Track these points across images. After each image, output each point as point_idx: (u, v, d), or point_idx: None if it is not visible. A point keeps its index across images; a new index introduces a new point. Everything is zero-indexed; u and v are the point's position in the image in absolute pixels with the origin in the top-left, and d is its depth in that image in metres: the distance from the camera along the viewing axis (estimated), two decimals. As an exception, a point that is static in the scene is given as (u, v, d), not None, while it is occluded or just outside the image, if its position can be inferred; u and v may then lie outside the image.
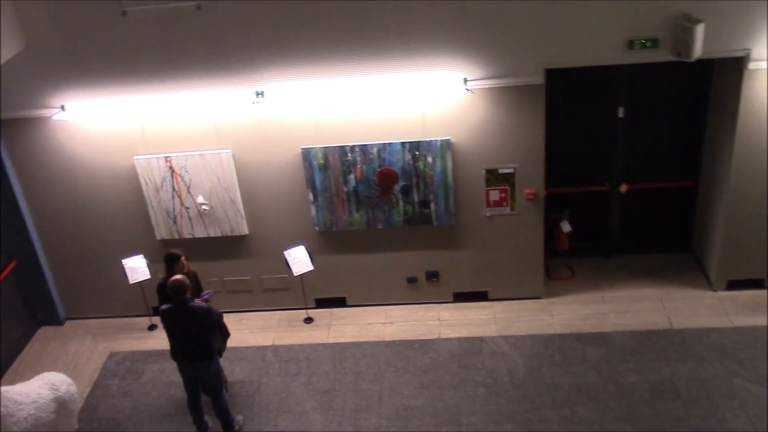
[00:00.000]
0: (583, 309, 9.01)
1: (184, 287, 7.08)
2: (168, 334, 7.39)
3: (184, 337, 7.29)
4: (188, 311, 7.16)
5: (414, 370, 8.33)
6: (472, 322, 8.97)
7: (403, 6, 7.66)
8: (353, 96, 8.15)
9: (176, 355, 7.46)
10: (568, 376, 8.04)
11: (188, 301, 7.14)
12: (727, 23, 7.61)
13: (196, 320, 7.20)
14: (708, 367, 7.98)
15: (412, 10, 7.69)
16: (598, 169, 9.42)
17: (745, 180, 8.39)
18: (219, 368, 7.66)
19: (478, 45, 7.87)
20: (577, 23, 7.70)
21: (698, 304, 8.93)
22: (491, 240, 8.93)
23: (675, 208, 9.71)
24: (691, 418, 7.39)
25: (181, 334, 7.28)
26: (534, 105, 8.17)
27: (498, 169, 8.53)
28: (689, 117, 9.12)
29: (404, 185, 8.57)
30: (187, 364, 7.43)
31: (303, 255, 8.82)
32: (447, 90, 8.09)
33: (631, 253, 9.88)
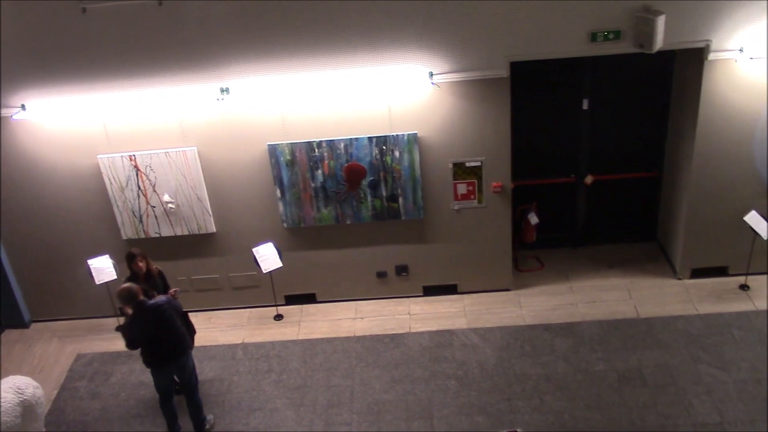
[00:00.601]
0: (551, 300, 9.09)
1: (133, 292, 7.00)
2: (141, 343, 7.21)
3: (157, 337, 7.19)
4: (151, 311, 7.08)
5: (385, 365, 8.34)
6: (442, 316, 9.01)
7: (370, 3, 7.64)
8: (319, 91, 8.13)
9: (153, 359, 7.29)
10: (537, 366, 8.11)
11: (146, 302, 7.06)
12: (688, 15, 7.71)
13: (161, 316, 7.12)
14: (674, 354, 8.10)
15: (377, 4, 7.68)
16: (564, 160, 9.51)
17: (707, 169, 8.53)
18: (194, 363, 7.60)
19: (443, 39, 7.88)
20: (540, 16, 7.75)
21: (664, 292, 9.06)
22: (460, 233, 8.97)
23: (640, 198, 9.83)
24: (658, 405, 7.51)
25: (153, 336, 7.17)
26: (500, 98, 8.21)
27: (465, 162, 8.56)
28: (652, 108, 9.24)
29: (372, 180, 8.56)
30: (165, 364, 7.31)
31: (272, 252, 8.78)
32: (413, 84, 8.09)
33: (598, 244, 10.00)
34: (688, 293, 9.00)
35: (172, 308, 7.25)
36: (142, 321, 7.08)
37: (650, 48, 7.65)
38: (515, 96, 8.44)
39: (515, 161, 8.73)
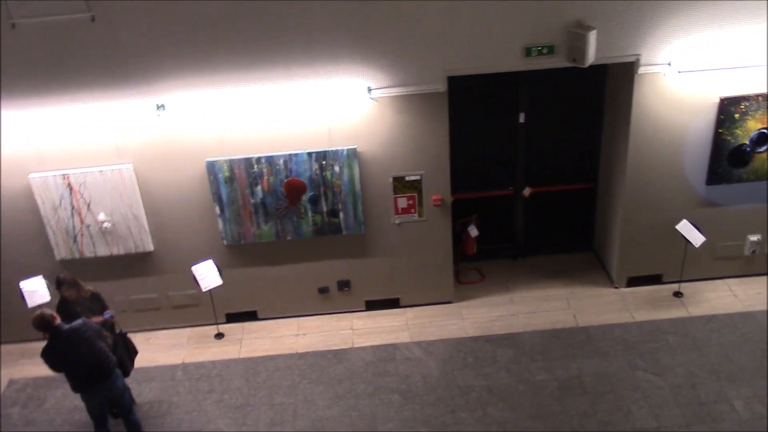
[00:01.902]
0: (492, 311, 9.18)
1: (46, 319, 6.83)
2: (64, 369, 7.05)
3: (78, 361, 6.99)
4: (67, 335, 6.90)
5: (328, 381, 8.29)
6: (385, 330, 9.01)
7: (307, 14, 7.64)
8: (258, 106, 8.08)
9: (79, 384, 7.11)
10: (480, 377, 8.17)
11: (61, 327, 6.89)
12: (618, 30, 7.92)
13: (79, 338, 6.94)
14: (612, 361, 8.26)
15: (316, 19, 7.68)
16: (503, 173, 9.65)
17: (639, 180, 8.75)
18: (124, 382, 7.42)
19: (381, 54, 7.93)
20: (476, 31, 7.86)
21: (601, 301, 9.24)
22: (401, 247, 9.00)
23: (576, 209, 10.03)
24: (598, 412, 7.63)
25: (74, 360, 6.97)
26: (438, 112, 8.29)
27: (405, 176, 8.61)
28: (587, 121, 9.45)
29: (312, 195, 8.53)
30: (93, 387, 7.13)
31: (211, 269, 8.65)
32: (352, 99, 8.11)
33: (537, 255, 10.15)
34: (625, 301, 9.19)
35: (90, 330, 7.06)
36: (60, 346, 6.90)
37: (583, 62, 7.83)
38: (453, 110, 8.54)
39: (455, 175, 8.81)
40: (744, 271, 9.43)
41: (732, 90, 8.31)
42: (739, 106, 8.37)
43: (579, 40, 7.75)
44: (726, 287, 9.30)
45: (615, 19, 7.86)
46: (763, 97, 8.33)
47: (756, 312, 8.84)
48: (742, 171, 8.74)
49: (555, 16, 7.81)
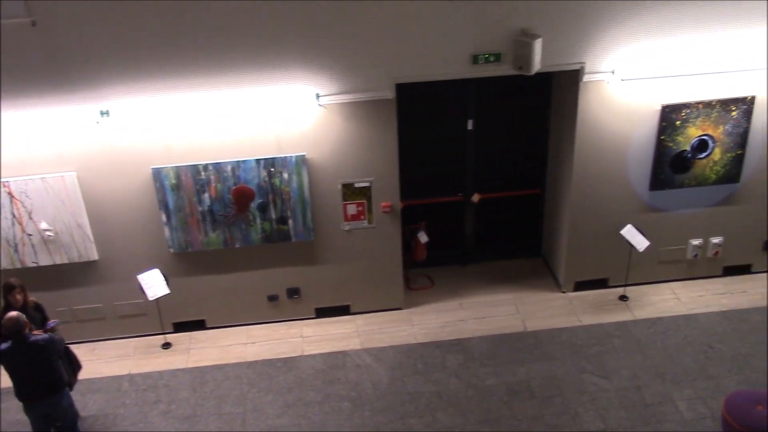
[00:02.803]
0: (442, 317, 9.22)
1: (20, 324, 6.70)
2: (11, 374, 6.93)
3: (31, 374, 6.87)
4: (30, 347, 6.76)
5: (278, 389, 8.22)
6: (335, 337, 8.97)
7: (254, 20, 7.59)
8: (205, 113, 7.99)
9: (23, 395, 6.99)
10: (429, 383, 8.19)
11: (28, 336, 6.76)
12: (563, 38, 8.05)
13: (40, 354, 6.82)
14: (560, 365, 8.36)
15: (263, 26, 7.64)
16: (451, 180, 9.71)
17: (585, 186, 8.89)
18: (71, 401, 7.26)
19: (330, 61, 7.92)
20: (424, 39, 7.90)
21: (549, 305, 9.35)
22: (351, 254, 8.98)
23: (524, 215, 10.14)
24: (546, 416, 7.72)
25: (27, 372, 6.86)
26: (386, 119, 8.31)
27: (354, 183, 8.60)
28: (534, 127, 9.57)
29: (261, 202, 8.47)
30: (36, 401, 7.00)
31: (158, 278, 8.52)
32: (300, 106, 8.08)
33: (486, 261, 10.23)
34: (572, 305, 9.32)
35: (52, 347, 6.96)
36: (20, 355, 6.76)
37: (529, 70, 7.93)
38: (402, 117, 8.57)
39: (404, 181, 8.83)
40: (686, 275, 9.65)
41: (673, 98, 8.51)
42: (680, 114, 8.57)
43: (525, 49, 7.85)
44: (669, 290, 9.51)
45: (560, 27, 7.98)
46: (703, 105, 8.54)
47: (698, 314, 9.05)
48: (684, 177, 8.94)
49: (501, 24, 7.90)
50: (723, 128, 8.71)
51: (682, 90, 8.48)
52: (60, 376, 7.05)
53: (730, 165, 8.94)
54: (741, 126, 8.73)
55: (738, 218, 9.34)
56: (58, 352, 7.07)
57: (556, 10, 7.88)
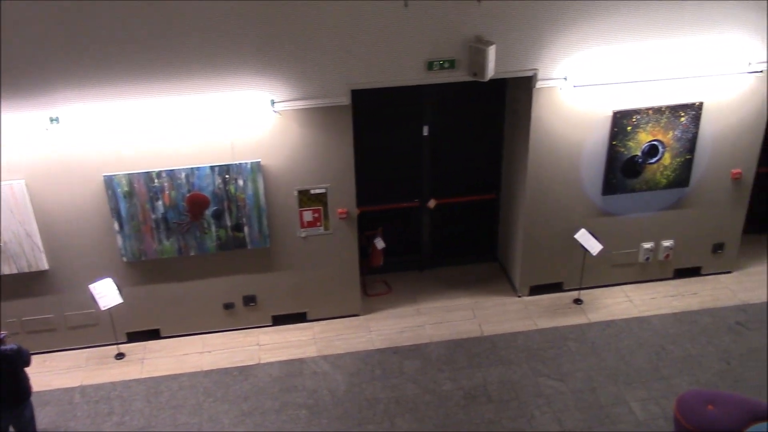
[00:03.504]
0: (399, 323, 9.23)
1: None
2: None
3: None
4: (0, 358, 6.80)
5: (234, 399, 8.13)
6: (292, 344, 8.92)
7: (207, 25, 7.53)
8: (157, 119, 7.89)
9: None
10: (387, 389, 8.18)
11: None
12: (516, 45, 8.14)
13: (9, 364, 6.85)
14: (516, 369, 8.43)
15: (217, 31, 7.57)
16: (408, 185, 9.74)
17: (539, 191, 8.99)
18: (33, 412, 7.25)
19: (284, 67, 7.88)
20: (378, 45, 7.92)
21: (505, 310, 9.43)
22: (307, 260, 8.94)
23: (480, 220, 10.21)
24: (503, 419, 7.77)
25: None
26: (342, 125, 8.30)
27: (310, 189, 8.57)
28: (488, 133, 9.65)
29: (216, 210, 8.39)
30: (3, 411, 6.97)
31: (110, 288, 8.37)
32: (255, 112, 8.03)
33: (443, 266, 10.27)
34: (528, 310, 9.41)
35: (20, 358, 6.98)
36: None
37: (483, 76, 8.00)
38: (358, 123, 8.57)
39: (360, 187, 8.83)
40: (639, 278, 9.82)
41: (624, 104, 8.66)
42: (631, 119, 8.72)
43: (479, 55, 7.91)
44: (623, 293, 9.66)
45: (513, 34, 8.07)
46: (653, 111, 8.71)
47: (650, 316, 9.20)
48: (635, 181, 9.10)
49: (456, 31, 7.96)
50: (672, 133, 8.89)
51: (633, 96, 8.64)
52: (26, 386, 7.08)
53: (680, 169, 9.13)
54: (690, 131, 8.92)
55: (688, 222, 9.54)
56: (24, 363, 7.06)
57: (510, 17, 7.97)
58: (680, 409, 7.25)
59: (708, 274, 9.96)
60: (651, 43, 8.39)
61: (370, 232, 9.55)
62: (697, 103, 8.80)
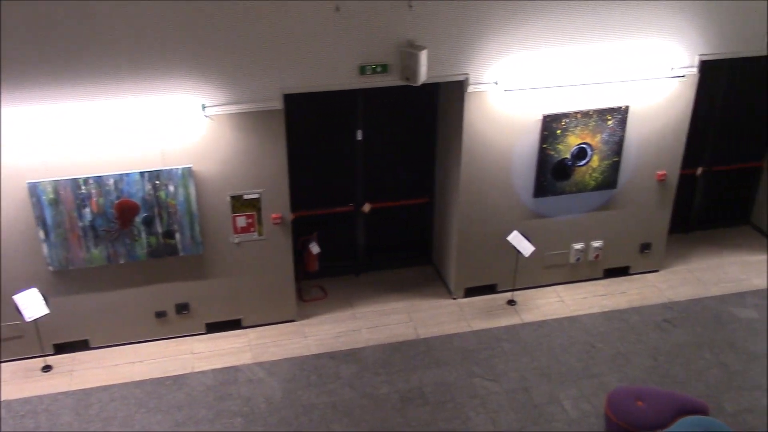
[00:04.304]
0: (335, 327, 9.21)
1: None
2: None
3: None
4: None
5: (167, 409, 7.98)
6: (227, 352, 8.80)
7: (136, 29, 7.37)
8: (84, 124, 7.69)
9: None
10: (323, 395, 8.15)
11: None
12: (448, 50, 8.22)
13: None
14: (451, 371, 8.50)
15: (146, 34, 7.42)
16: (342, 190, 9.73)
17: (472, 194, 9.09)
18: None
19: (215, 71, 7.78)
20: (310, 50, 7.89)
21: (441, 312, 9.50)
22: (241, 266, 8.84)
23: (415, 223, 10.27)
24: (438, 421, 7.82)
25: None
26: (275, 130, 8.24)
27: (243, 195, 8.48)
28: (422, 137, 9.72)
29: (146, 216, 8.22)
30: None
31: (36, 298, 8.11)
32: (186, 116, 7.91)
33: (379, 270, 10.29)
34: (463, 312, 9.50)
35: None
36: None
37: (415, 81, 8.05)
38: (292, 127, 8.53)
39: (294, 192, 8.78)
40: (570, 278, 10.02)
41: (554, 108, 8.84)
42: (560, 123, 8.90)
43: (411, 60, 7.96)
44: (555, 293, 9.84)
45: (444, 39, 8.15)
46: (581, 115, 8.91)
47: (581, 316, 9.40)
48: (565, 184, 9.29)
49: (388, 35, 7.99)
50: (600, 137, 9.11)
51: (562, 100, 8.83)
52: None
53: (608, 172, 9.35)
54: (617, 134, 9.15)
55: (616, 222, 9.79)
56: None
57: (441, 22, 8.04)
58: (610, 406, 7.43)
59: (636, 274, 10.24)
60: (579, 47, 8.58)
61: (305, 237, 9.51)
62: (624, 107, 9.04)
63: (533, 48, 8.46)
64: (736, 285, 10.02)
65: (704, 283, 10.07)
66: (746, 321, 9.33)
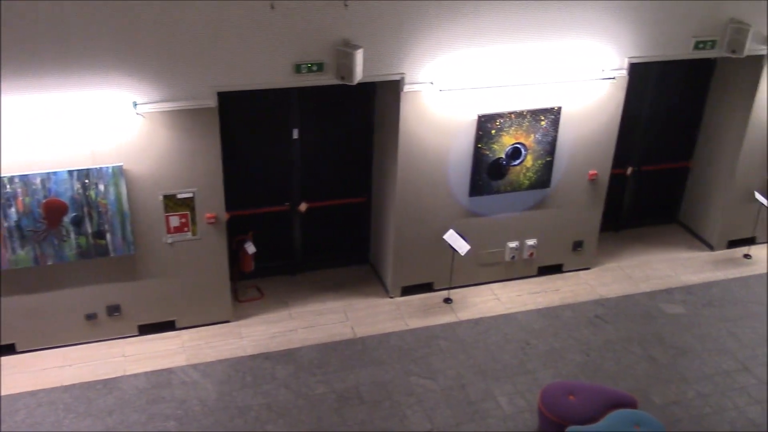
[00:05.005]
0: (271, 328, 9.13)
1: None
2: None
3: None
4: None
5: (97, 413, 7.79)
6: (160, 354, 8.63)
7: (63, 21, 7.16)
8: (8, 120, 7.43)
9: None
10: (259, 396, 8.07)
11: None
12: (383, 49, 8.23)
13: None
14: (388, 369, 8.52)
15: (72, 30, 7.22)
16: (278, 189, 9.65)
17: (409, 193, 9.13)
18: None
19: (147, 67, 7.63)
20: (244, 47, 7.80)
21: (378, 311, 9.51)
22: (175, 267, 8.68)
23: (352, 223, 10.26)
24: (375, 420, 7.83)
25: None
26: (209, 128, 8.12)
27: (176, 194, 8.33)
28: (359, 136, 9.71)
29: (75, 216, 8.00)
30: None
31: (-42, 301, 7.84)
32: (117, 114, 7.73)
33: (316, 269, 10.25)
34: (400, 310, 9.53)
35: None
36: None
37: (351, 80, 8.04)
38: (226, 126, 8.43)
39: (230, 191, 8.67)
40: (505, 276, 10.16)
41: (488, 108, 8.94)
42: (495, 123, 9.01)
43: (346, 59, 7.95)
44: (490, 291, 9.96)
45: (380, 38, 8.16)
46: (515, 115, 9.03)
47: (516, 313, 9.54)
48: (500, 183, 9.41)
49: (324, 34, 7.96)
50: (534, 137, 9.25)
51: (497, 100, 8.93)
52: None
53: (541, 171, 9.51)
54: (550, 135, 9.32)
55: (550, 221, 9.96)
56: None
57: (376, 21, 8.05)
58: (543, 401, 7.55)
59: (569, 271, 10.44)
60: (513, 48, 8.70)
61: (241, 236, 9.40)
62: (556, 108, 9.20)
63: (468, 48, 8.54)
64: (664, 281, 10.32)
65: (634, 279, 10.33)
66: (674, 316, 9.61)
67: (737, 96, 10.32)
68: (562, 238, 10.18)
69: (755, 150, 10.41)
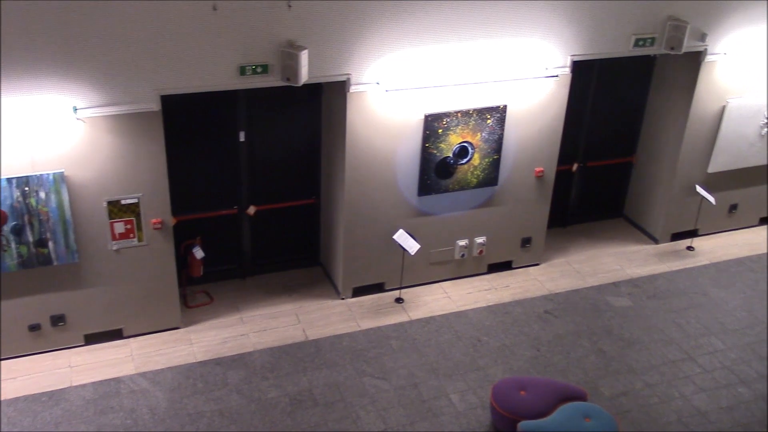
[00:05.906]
0: (222, 333, 9.02)
1: None
2: None
3: None
4: None
5: (43, 426, 7.60)
6: (107, 363, 8.46)
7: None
8: (-58, 129, 7.24)
9: None
10: (210, 402, 7.97)
11: None
12: (328, 50, 8.20)
13: None
14: (341, 371, 8.50)
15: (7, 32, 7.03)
16: (226, 193, 9.55)
17: (358, 193, 9.12)
18: None
19: (87, 71, 7.46)
20: (189, 49, 7.70)
21: (330, 313, 9.48)
22: (121, 274, 8.52)
23: (302, 225, 10.20)
24: (329, 421, 7.80)
25: None
26: (153, 132, 7.99)
27: (121, 200, 8.18)
28: (306, 138, 9.65)
29: (15, 225, 7.80)
30: None
31: None
32: (57, 118, 7.55)
33: (266, 273, 10.17)
34: (351, 311, 9.52)
35: None
36: None
37: (296, 81, 7.99)
38: (171, 130, 8.30)
39: (176, 196, 8.56)
40: (456, 274, 10.22)
41: (435, 107, 8.98)
42: (441, 122, 9.06)
43: (291, 60, 7.90)
44: (441, 290, 10.01)
45: (325, 39, 8.13)
46: (461, 114, 9.09)
47: (467, 310, 9.61)
48: (448, 181, 9.46)
49: (268, 35, 7.90)
50: (480, 135, 9.33)
51: (443, 100, 8.98)
52: None
53: (489, 169, 9.59)
54: (496, 133, 9.40)
55: (498, 218, 10.05)
56: None
57: (320, 21, 8.02)
58: (495, 397, 7.63)
59: (518, 267, 10.55)
60: (457, 46, 8.75)
61: (189, 241, 9.27)
62: (502, 106, 9.29)
63: (413, 47, 8.56)
64: (611, 275, 10.50)
65: (582, 274, 10.49)
66: (621, 309, 9.79)
67: (677, 92, 10.57)
68: (511, 235, 10.28)
69: (696, 144, 10.67)
